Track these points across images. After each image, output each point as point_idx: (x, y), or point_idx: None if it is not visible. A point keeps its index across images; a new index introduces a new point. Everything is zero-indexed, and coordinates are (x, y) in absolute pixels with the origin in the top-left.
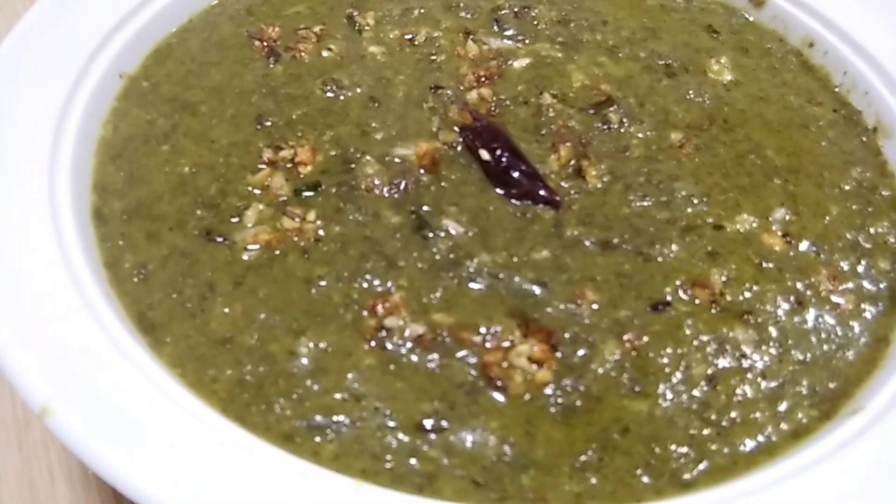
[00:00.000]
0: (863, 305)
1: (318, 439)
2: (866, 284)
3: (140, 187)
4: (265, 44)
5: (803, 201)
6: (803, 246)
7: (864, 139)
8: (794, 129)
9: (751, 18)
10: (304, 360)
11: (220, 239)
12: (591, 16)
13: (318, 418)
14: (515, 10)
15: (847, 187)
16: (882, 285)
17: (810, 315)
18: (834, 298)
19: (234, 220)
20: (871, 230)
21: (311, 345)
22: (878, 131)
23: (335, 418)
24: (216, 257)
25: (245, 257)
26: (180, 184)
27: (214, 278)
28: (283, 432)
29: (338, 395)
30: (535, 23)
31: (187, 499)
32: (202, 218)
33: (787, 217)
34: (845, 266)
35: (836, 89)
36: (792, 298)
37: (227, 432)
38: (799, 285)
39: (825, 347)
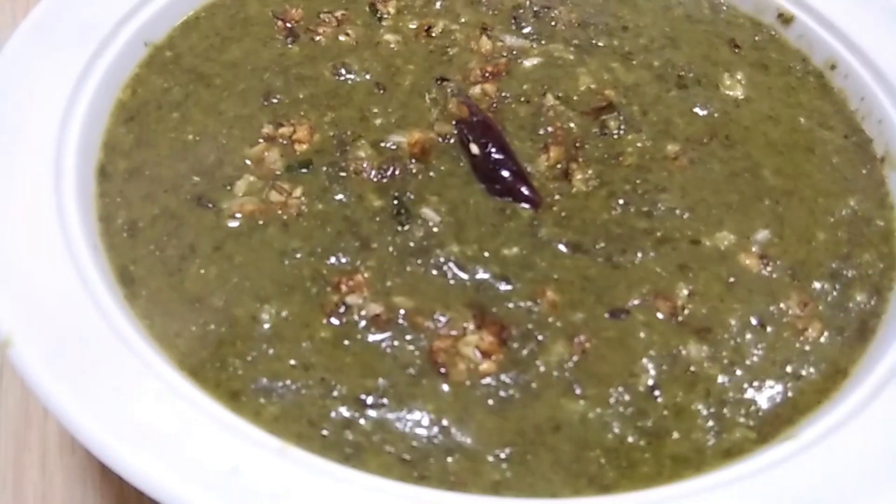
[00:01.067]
0: (828, 334)
1: (262, 400)
2: (837, 314)
3: (146, 150)
4: (287, 24)
5: (790, 225)
6: (779, 269)
7: (870, 168)
8: (797, 151)
9: (777, 35)
10: (265, 326)
11: (209, 205)
12: (612, 20)
13: (266, 381)
14: (535, 9)
15: (840, 215)
16: (853, 316)
17: (770, 338)
18: (799, 324)
19: (227, 188)
20: (856, 260)
21: (274, 311)
22: (885, 161)
23: (282, 383)
24: (202, 221)
25: (229, 224)
26: (183, 150)
27: (197, 241)
28: (231, 390)
29: (289, 362)
30: (554, 23)
31: (119, 438)
32: (196, 184)
33: (770, 239)
34: (819, 293)
35: (851, 115)
36: (755, 320)
37: (174, 383)
38: (765, 307)
39: (779, 372)
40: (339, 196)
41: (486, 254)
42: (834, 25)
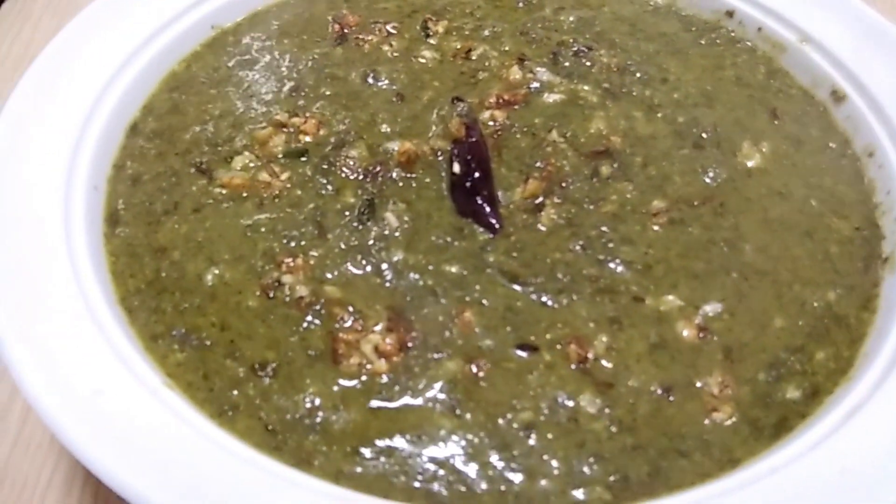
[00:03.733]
0: (736, 421)
1: (175, 347)
2: (757, 404)
3: (176, 116)
4: (341, 28)
5: (748, 304)
6: (714, 345)
7: (869, 266)
8: (794, 233)
9: (826, 112)
10: (207, 285)
11: (207, 172)
12: (655, 71)
13: (184, 331)
14: (577, 48)
15: (812, 306)
16: (773, 410)
17: (671, 409)
18: (710, 404)
19: (227, 161)
20: (807, 355)
21: (218, 273)
22: (888, 262)
23: (197, 336)
24: (195, 185)
25: (215, 190)
26: (206, 122)
27: (183, 200)
28: (152, 332)
29: (211, 319)
30: (591, 64)
31: (16, 336)
32: (204, 152)
33: (719, 313)
34: (747, 379)
35: (874, 207)
36: (662, 388)
37: (97, 311)
38: (680, 378)
39: (667, 444)
40: (319, 187)
41: (430, 266)
42: (882, 109)
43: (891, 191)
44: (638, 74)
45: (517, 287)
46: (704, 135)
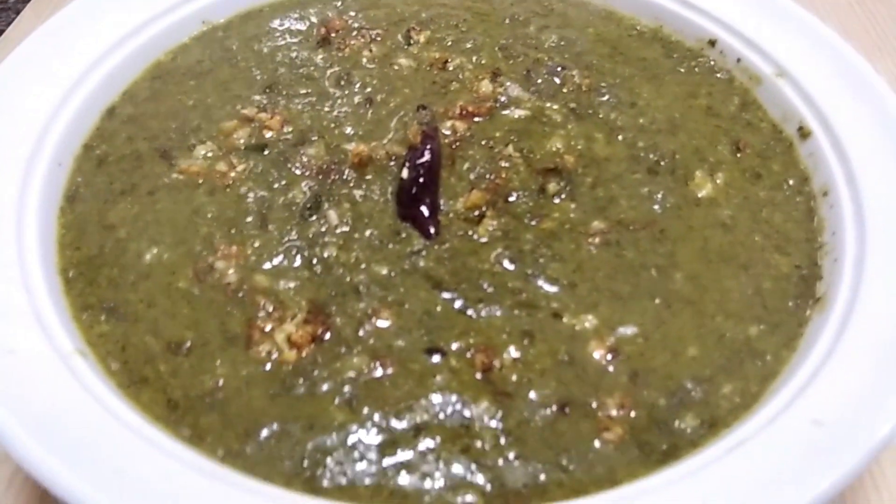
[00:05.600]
0: (626, 443)
1: (102, 318)
2: (650, 430)
3: (152, 104)
4: (326, 32)
5: (665, 331)
6: (622, 367)
7: (800, 304)
8: (729, 265)
9: (791, 148)
10: (144, 263)
11: (168, 158)
12: (625, 95)
13: (113, 305)
14: (551, 65)
15: (731, 339)
16: (666, 436)
17: (563, 424)
18: (603, 424)
19: (189, 149)
20: (713, 387)
21: (156, 253)
22: (819, 302)
23: (124, 310)
24: (154, 169)
25: (172, 176)
26: (179, 111)
27: (141, 183)
28: (84, 303)
29: (140, 296)
30: (561, 83)
31: None
32: (170, 139)
33: (633, 336)
34: (646, 403)
35: (818, 247)
36: (559, 404)
37: (31, 275)
38: (580, 395)
39: (550, 457)
40: (272, 180)
41: (363, 265)
42: (842, 148)
43: (836, 231)
44: (607, 97)
45: (439, 293)
46: (662, 161)
